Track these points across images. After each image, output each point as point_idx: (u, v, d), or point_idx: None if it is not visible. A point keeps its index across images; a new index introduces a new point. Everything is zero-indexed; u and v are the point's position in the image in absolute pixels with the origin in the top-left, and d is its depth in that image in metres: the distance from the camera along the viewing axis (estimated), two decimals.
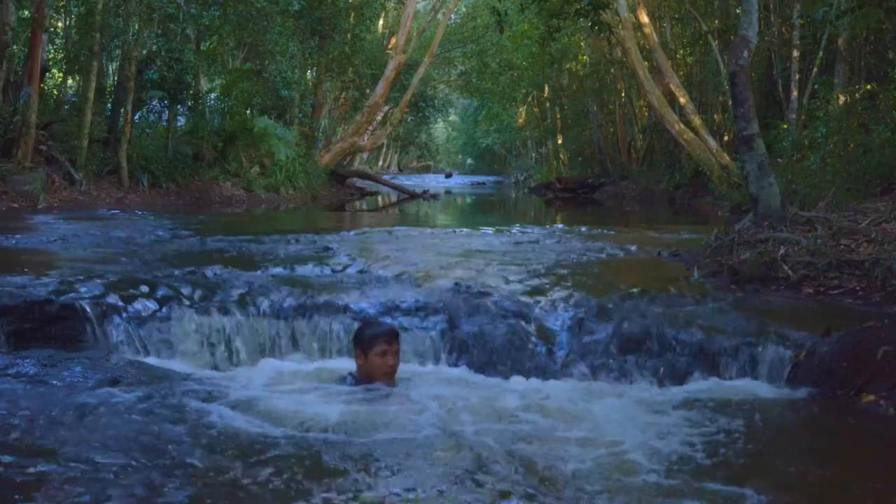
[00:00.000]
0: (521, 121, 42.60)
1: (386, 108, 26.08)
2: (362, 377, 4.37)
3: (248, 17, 18.44)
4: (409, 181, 35.84)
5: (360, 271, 6.49)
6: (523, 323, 5.12)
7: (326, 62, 24.41)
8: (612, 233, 10.45)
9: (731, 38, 16.92)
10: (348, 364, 4.69)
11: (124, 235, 9.23)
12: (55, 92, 20.28)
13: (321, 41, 23.09)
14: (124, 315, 4.93)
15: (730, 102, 14.22)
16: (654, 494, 2.95)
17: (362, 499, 2.85)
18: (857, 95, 14.58)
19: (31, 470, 2.94)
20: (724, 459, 3.29)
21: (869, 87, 14.90)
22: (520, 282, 6.01)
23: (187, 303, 5.13)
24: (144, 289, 5.21)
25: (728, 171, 18.45)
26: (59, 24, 20.47)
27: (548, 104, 36.89)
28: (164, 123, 18.75)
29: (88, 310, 4.87)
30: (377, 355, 4.34)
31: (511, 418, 3.84)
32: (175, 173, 17.31)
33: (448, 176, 54.52)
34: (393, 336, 4.45)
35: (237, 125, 19.02)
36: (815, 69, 17.17)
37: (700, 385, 4.51)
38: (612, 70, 28.21)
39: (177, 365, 4.70)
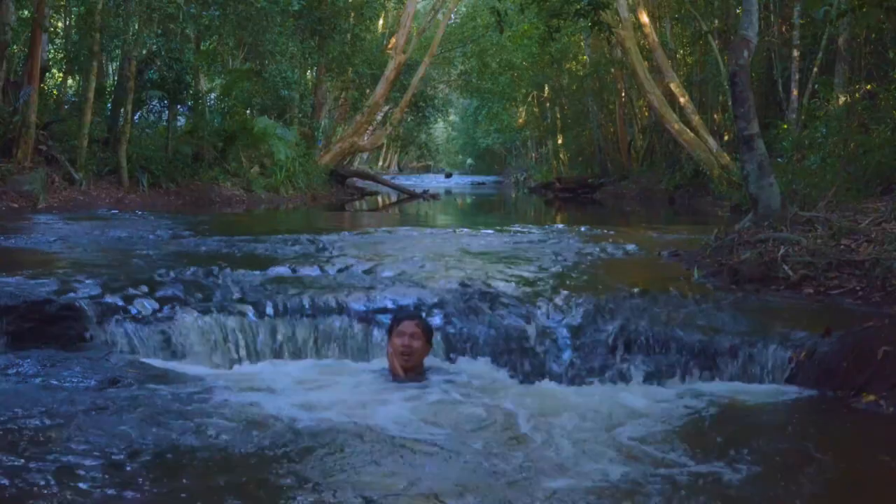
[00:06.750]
0: (521, 121, 42.57)
1: (386, 108, 26.11)
2: (390, 366, 4.41)
3: (248, 17, 18.44)
4: (409, 181, 35.82)
5: (361, 271, 6.48)
6: (524, 323, 5.12)
7: (326, 62, 24.41)
8: (612, 233, 10.44)
9: (731, 38, 16.93)
10: (347, 365, 4.68)
11: (124, 235, 9.23)
12: (55, 92, 20.27)
13: (321, 41, 23.09)
14: (124, 315, 4.92)
15: (730, 102, 14.25)
16: (652, 493, 2.95)
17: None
18: (857, 95, 14.59)
19: (33, 470, 2.94)
20: (723, 459, 3.29)
21: (869, 87, 14.91)
22: (520, 282, 6.00)
23: (187, 303, 5.13)
24: (144, 289, 5.21)
25: (728, 171, 18.45)
26: (59, 24, 20.47)
27: (548, 104, 36.89)
28: (164, 123, 18.75)
29: (88, 310, 4.87)
30: (395, 337, 4.40)
31: (511, 416, 3.84)
32: (175, 173, 17.30)
33: (448, 176, 54.52)
34: (411, 319, 4.48)
35: (237, 125, 19.02)
36: (815, 69, 17.18)
37: (700, 385, 4.51)
38: (612, 70, 28.20)
39: (177, 365, 4.69)
